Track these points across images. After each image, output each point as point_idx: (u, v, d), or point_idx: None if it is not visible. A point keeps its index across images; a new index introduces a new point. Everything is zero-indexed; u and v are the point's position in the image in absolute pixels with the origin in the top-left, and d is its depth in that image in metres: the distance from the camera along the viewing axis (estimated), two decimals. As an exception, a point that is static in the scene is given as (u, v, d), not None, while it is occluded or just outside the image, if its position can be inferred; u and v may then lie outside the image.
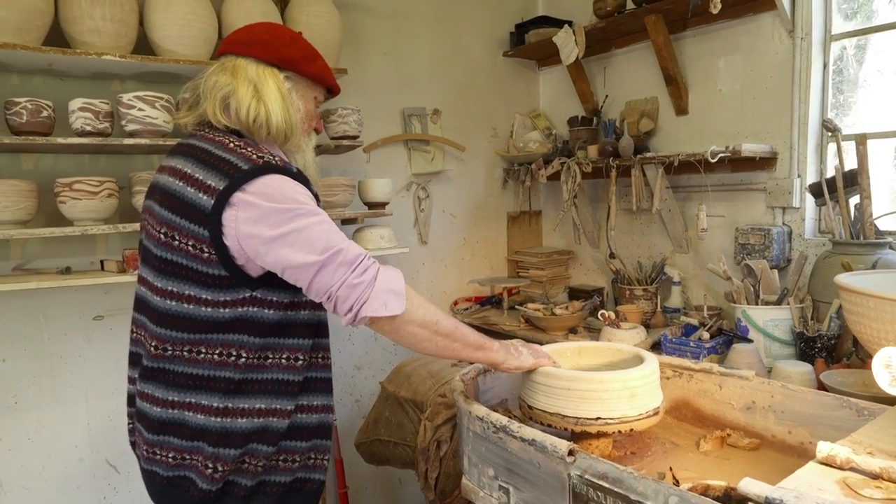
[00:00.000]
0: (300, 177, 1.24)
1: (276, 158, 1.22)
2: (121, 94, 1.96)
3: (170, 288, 1.22)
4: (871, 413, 1.21)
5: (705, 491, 1.04)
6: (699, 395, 1.54)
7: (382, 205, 2.54)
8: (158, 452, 1.28)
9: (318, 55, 1.38)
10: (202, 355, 1.23)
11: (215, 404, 1.23)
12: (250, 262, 1.19)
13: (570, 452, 1.10)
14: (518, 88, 3.32)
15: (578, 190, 2.84)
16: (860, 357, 1.85)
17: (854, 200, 2.04)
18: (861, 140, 1.94)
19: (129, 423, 1.40)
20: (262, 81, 1.28)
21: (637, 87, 2.87)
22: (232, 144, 1.23)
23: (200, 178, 1.18)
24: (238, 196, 1.14)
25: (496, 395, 1.67)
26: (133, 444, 1.38)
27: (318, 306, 1.30)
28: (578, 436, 1.34)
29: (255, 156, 1.19)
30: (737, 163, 2.37)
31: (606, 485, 1.04)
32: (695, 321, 2.24)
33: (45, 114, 1.85)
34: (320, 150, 2.43)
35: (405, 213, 2.94)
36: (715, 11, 2.20)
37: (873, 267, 1.88)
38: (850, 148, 2.07)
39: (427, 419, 1.79)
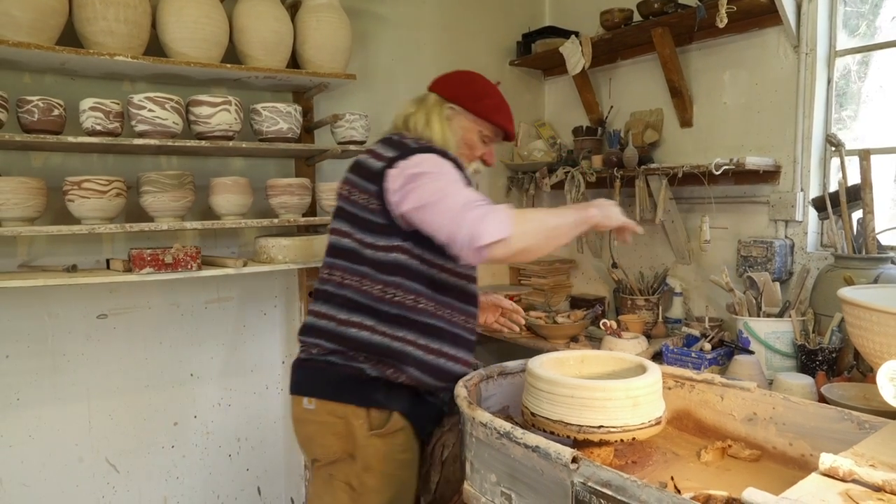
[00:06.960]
0: (453, 158, 1.57)
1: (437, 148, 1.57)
2: (131, 94, 1.97)
3: (342, 228, 1.59)
4: (873, 426, 1.22)
5: (707, 501, 1.05)
6: (701, 405, 1.55)
7: (387, 210, 2.55)
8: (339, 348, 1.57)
9: (490, 98, 1.73)
10: (365, 287, 1.53)
11: (371, 323, 1.53)
12: (401, 216, 1.48)
13: (574, 460, 1.11)
14: (524, 97, 3.34)
15: (582, 199, 2.85)
16: (861, 371, 1.86)
17: (856, 215, 2.05)
18: (865, 155, 1.96)
19: (300, 347, 1.65)
20: (432, 110, 1.69)
21: (642, 99, 2.89)
22: (412, 137, 1.63)
23: (381, 152, 1.57)
24: (400, 162, 1.49)
25: (498, 402, 1.67)
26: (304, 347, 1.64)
27: (467, 278, 1.60)
28: (581, 444, 1.34)
29: (424, 143, 1.59)
30: (740, 175, 2.38)
31: (609, 492, 1.04)
32: (696, 332, 2.25)
33: (56, 112, 1.87)
34: (326, 154, 2.45)
35: (409, 218, 2.95)
36: (721, 25, 2.21)
37: (875, 281, 1.89)
38: (852, 163, 2.08)
39: (429, 424, 1.78)
